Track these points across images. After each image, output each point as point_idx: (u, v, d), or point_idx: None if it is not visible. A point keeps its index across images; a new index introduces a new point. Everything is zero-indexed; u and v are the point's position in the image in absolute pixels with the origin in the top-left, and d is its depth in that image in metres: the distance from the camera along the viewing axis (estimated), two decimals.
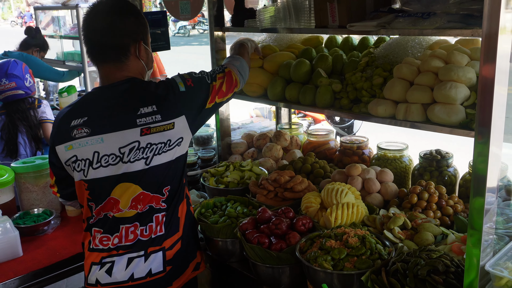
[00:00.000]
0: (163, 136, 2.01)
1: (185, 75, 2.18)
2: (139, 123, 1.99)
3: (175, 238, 2.11)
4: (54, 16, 6.46)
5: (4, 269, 2.53)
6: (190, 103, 2.10)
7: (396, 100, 2.33)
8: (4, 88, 3.73)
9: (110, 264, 2.05)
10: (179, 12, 2.99)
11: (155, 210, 2.06)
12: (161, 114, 2.01)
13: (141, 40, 2.10)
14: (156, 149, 2.00)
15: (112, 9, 2.06)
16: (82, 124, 2.02)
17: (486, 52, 1.49)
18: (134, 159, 1.99)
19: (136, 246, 2.05)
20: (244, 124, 4.10)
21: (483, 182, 1.57)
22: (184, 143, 2.09)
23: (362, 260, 1.87)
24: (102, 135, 2.00)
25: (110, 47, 2.04)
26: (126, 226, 2.06)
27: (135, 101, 2.03)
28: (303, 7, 2.60)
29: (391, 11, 2.33)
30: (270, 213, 2.29)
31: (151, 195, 2.04)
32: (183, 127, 2.05)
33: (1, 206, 2.90)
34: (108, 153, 2.00)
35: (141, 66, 2.14)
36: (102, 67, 2.09)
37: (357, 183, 2.60)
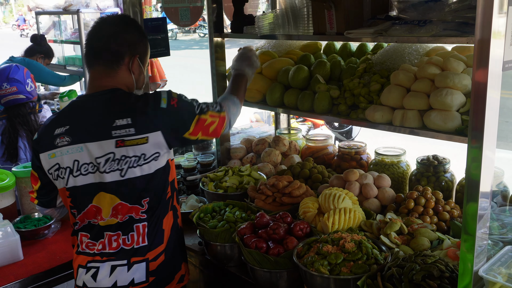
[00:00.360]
0: (137, 150, 2.00)
1: (173, 94, 2.11)
2: (114, 135, 2.00)
3: (159, 250, 2.11)
4: (55, 21, 6.50)
5: (5, 272, 2.55)
6: (168, 122, 2.03)
7: (393, 106, 2.36)
8: (5, 93, 3.76)
9: (95, 269, 2.10)
10: (179, 18, 3.02)
11: (136, 220, 2.07)
12: (135, 128, 2.00)
13: (137, 55, 2.13)
14: (130, 162, 2.01)
15: (120, 21, 2.15)
16: (65, 132, 2.06)
17: (479, 57, 1.51)
18: (109, 169, 2.02)
19: (119, 254, 2.08)
20: (244, 129, 4.13)
21: (477, 188, 1.58)
22: (162, 157, 2.07)
23: (359, 265, 1.89)
24: (82, 144, 2.03)
25: (106, 50, 2.08)
26: (110, 234, 2.09)
27: (113, 112, 2.03)
28: (301, 14, 2.63)
29: (388, 19, 2.36)
30: (268, 218, 2.31)
31: (129, 205, 2.06)
32: (159, 143, 2.02)
33: (2, 210, 2.92)
34: (88, 162, 2.03)
35: (130, 81, 2.15)
36: (93, 70, 2.11)
37: (354, 188, 2.62)
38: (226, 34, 3.16)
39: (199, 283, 2.65)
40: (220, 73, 3.27)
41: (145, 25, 2.78)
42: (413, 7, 2.27)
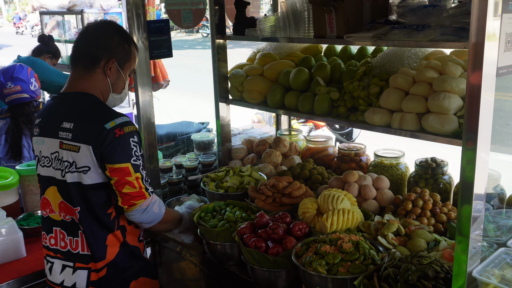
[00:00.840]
0: (70, 156, 2.09)
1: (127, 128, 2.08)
2: (59, 135, 2.12)
3: (100, 264, 2.19)
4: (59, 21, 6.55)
5: (8, 269, 2.59)
6: (100, 143, 2.04)
7: (391, 109, 2.39)
8: (10, 92, 3.80)
9: (51, 264, 2.26)
10: (181, 20, 3.06)
11: (78, 226, 2.17)
12: (72, 134, 2.08)
13: (114, 59, 2.18)
14: (66, 166, 2.11)
15: (102, 26, 2.24)
16: (37, 124, 2.25)
17: (473, 60, 1.53)
18: (56, 167, 2.15)
19: (67, 255, 2.21)
20: (245, 129, 4.16)
21: (471, 190, 1.59)
22: (91, 175, 2.08)
23: (356, 265, 1.93)
24: (43, 138, 2.19)
25: (84, 53, 2.19)
26: (59, 229, 2.21)
27: (66, 113, 2.14)
28: (302, 17, 2.66)
29: (387, 23, 2.39)
30: (267, 218, 2.34)
31: (70, 207, 2.16)
32: (88, 157, 2.05)
33: (6, 207, 2.97)
34: (45, 155, 2.20)
35: (105, 84, 2.20)
36: (73, 70, 2.23)
37: (353, 190, 2.66)
38: (228, 36, 3.20)
39: (199, 282, 2.69)
40: (222, 75, 3.31)
41: (148, 27, 2.81)
42: (412, 12, 2.30)
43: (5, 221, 2.73)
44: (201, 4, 3.17)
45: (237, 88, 3.19)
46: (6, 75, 3.82)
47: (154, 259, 2.98)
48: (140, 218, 2.18)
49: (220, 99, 3.32)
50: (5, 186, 3.02)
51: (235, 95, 3.24)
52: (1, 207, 2.93)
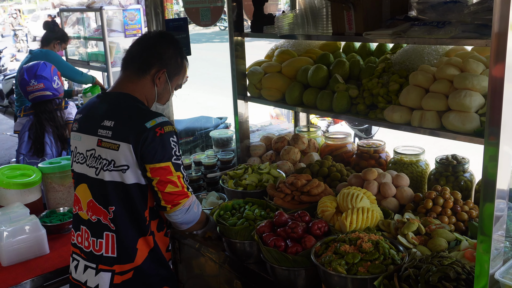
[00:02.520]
0: (109, 154, 2.08)
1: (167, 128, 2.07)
2: (98, 133, 2.12)
3: (127, 267, 2.16)
4: (78, 18, 6.61)
5: (32, 265, 2.64)
6: (141, 143, 2.03)
7: (411, 107, 2.37)
8: (33, 89, 3.87)
9: (77, 262, 2.26)
10: (199, 18, 3.07)
11: (104, 227, 2.15)
12: (112, 132, 2.07)
13: (165, 69, 2.19)
14: (103, 164, 2.09)
15: (160, 35, 2.26)
16: (77, 119, 2.26)
17: (496, 51, 1.48)
18: (91, 165, 2.15)
19: (90, 256, 2.20)
20: (263, 126, 4.16)
21: (493, 187, 1.56)
22: (130, 174, 2.06)
23: (376, 265, 1.92)
24: (81, 134, 2.21)
25: (136, 58, 2.20)
26: (84, 228, 2.21)
27: (108, 112, 2.14)
28: (320, 15, 2.65)
29: (407, 19, 2.36)
30: (286, 216, 2.35)
31: (99, 206, 2.15)
32: (128, 155, 2.04)
33: (29, 205, 3.02)
34: (80, 152, 2.20)
35: (151, 92, 2.21)
36: (122, 73, 2.24)
37: (373, 187, 2.64)
38: (246, 33, 3.20)
39: (218, 278, 2.71)
40: (240, 72, 3.31)
41: (166, 26, 2.83)
42: (432, 8, 2.26)
43: (28, 218, 2.78)
44: (219, 1, 3.17)
45: (255, 86, 3.19)
46: (30, 73, 3.88)
47: (174, 255, 3.01)
48: (183, 218, 2.16)
49: (238, 97, 3.33)
50: (28, 183, 3.08)
51: (254, 92, 3.24)
52: (25, 204, 2.98)
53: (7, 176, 3.05)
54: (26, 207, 2.92)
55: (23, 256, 2.68)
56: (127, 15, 6.15)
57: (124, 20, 6.22)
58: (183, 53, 2.30)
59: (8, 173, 3.10)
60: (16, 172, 3.15)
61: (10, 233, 2.64)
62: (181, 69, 2.28)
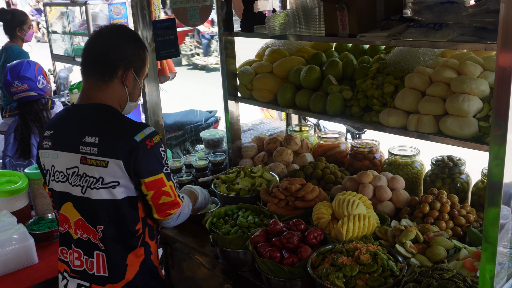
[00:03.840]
0: (96, 172, 1.98)
1: (155, 138, 2.02)
2: (81, 150, 2.01)
3: (119, 285, 2.10)
4: (63, 12, 6.45)
5: (21, 277, 2.58)
6: (132, 157, 1.96)
7: (407, 110, 2.32)
8: (17, 90, 3.76)
9: (66, 281, 2.17)
10: (187, 18, 2.97)
11: (94, 246, 2.08)
12: (98, 148, 1.98)
13: (132, 68, 2.08)
14: (89, 182, 2.00)
15: (116, 32, 2.09)
16: (49, 136, 2.12)
17: (503, 38, 1.42)
18: (74, 183, 2.04)
19: (83, 275, 2.12)
20: (254, 125, 4.09)
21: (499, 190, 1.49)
22: (120, 189, 2.00)
23: (374, 278, 1.87)
24: (58, 152, 2.08)
25: (100, 62, 2.04)
26: (74, 247, 2.13)
27: (87, 127, 2.03)
28: (313, 15, 2.57)
29: (402, 20, 2.29)
30: (281, 225, 2.29)
31: (88, 225, 2.07)
32: (119, 172, 1.97)
33: (16, 212, 2.94)
34: (59, 170, 2.08)
35: (123, 94, 2.10)
36: (86, 81, 2.10)
37: (368, 191, 2.59)
38: (236, 33, 3.11)
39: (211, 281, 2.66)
40: (231, 72, 3.23)
41: (154, 27, 2.73)
42: (428, 9, 2.20)
43: (16, 227, 2.70)
44: (208, 0, 3.08)
45: (246, 86, 3.12)
46: (13, 74, 3.76)
47: (166, 261, 2.96)
48: (175, 223, 2.19)
49: (229, 97, 3.25)
50: (15, 191, 2.99)
51: (244, 93, 3.17)
52: (12, 212, 2.90)
53: None
54: (13, 215, 2.84)
55: (10, 267, 2.61)
56: (113, 9, 6.01)
57: (110, 15, 6.08)
58: (143, 44, 2.16)
59: None
60: (2, 179, 3.06)
61: None
62: (145, 61, 2.16)
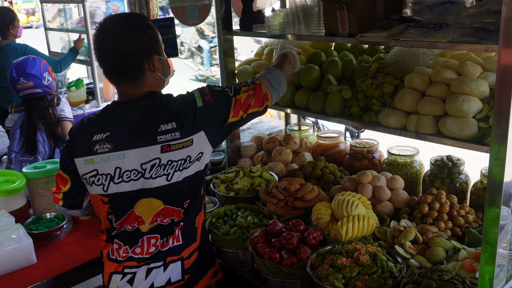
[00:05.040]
0: (183, 153, 2.02)
1: (205, 89, 2.14)
2: (160, 140, 2.00)
3: (192, 248, 2.15)
4: (60, 9, 6.42)
5: (19, 277, 2.56)
6: (209, 118, 2.06)
7: (407, 110, 2.31)
8: (23, 87, 3.75)
9: (132, 275, 2.11)
10: (186, 17, 2.96)
11: (176, 223, 2.10)
12: (180, 132, 2.01)
13: (153, 54, 2.05)
14: (176, 166, 2.02)
15: (120, 29, 2.02)
16: (105, 139, 2.03)
17: (505, 35, 1.41)
18: (155, 175, 2.02)
19: (156, 257, 2.10)
20: (253, 124, 4.08)
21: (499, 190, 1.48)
22: (204, 158, 2.08)
23: (374, 279, 1.87)
24: (124, 151, 2.02)
25: (124, 67, 2.02)
26: (148, 237, 2.10)
27: (155, 117, 2.03)
28: (312, 14, 2.56)
29: (402, 20, 2.29)
30: (280, 226, 2.29)
31: (172, 208, 2.08)
32: (202, 143, 2.04)
33: (14, 212, 2.92)
34: (130, 169, 2.02)
35: (157, 78, 2.12)
36: (120, 86, 2.09)
37: (367, 191, 2.59)
38: (235, 32, 3.10)
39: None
40: (229, 71, 3.22)
41: None
42: (428, 9, 2.19)
43: (14, 227, 2.69)
44: None
45: None
46: (19, 70, 3.75)
47: None
48: (278, 89, 2.31)
49: None
50: (13, 190, 2.97)
51: None
52: (10, 211, 2.89)
53: None
54: (11, 214, 2.83)
55: (9, 267, 2.59)
56: (111, 7, 5.98)
57: (108, 12, 6.05)
58: (144, 22, 2.10)
59: None
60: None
61: None
62: (157, 36, 2.12)
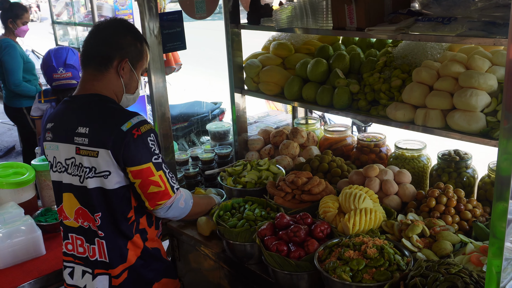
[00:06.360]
0: (89, 162, 2.04)
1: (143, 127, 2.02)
2: (75, 140, 2.06)
3: (120, 268, 2.15)
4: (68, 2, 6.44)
5: (29, 267, 2.60)
6: (119, 147, 1.98)
7: (415, 104, 2.31)
8: (60, 77, 3.77)
9: (71, 269, 2.23)
10: (194, 10, 2.96)
11: (95, 233, 2.13)
12: (89, 139, 2.02)
13: (127, 58, 2.11)
14: (85, 172, 2.06)
15: (112, 25, 2.15)
16: (50, 129, 2.18)
17: None
18: (73, 173, 2.10)
19: (86, 261, 2.19)
20: (260, 117, 4.09)
21: (507, 184, 1.47)
22: (112, 179, 2.03)
23: (381, 272, 1.88)
24: (57, 143, 2.14)
25: (96, 52, 2.10)
26: (75, 236, 2.18)
27: (80, 118, 2.07)
28: (320, 7, 2.56)
29: (410, 13, 2.28)
30: (288, 219, 2.30)
31: (88, 213, 2.12)
32: (108, 161, 2.01)
33: (23, 204, 2.96)
34: (60, 161, 2.14)
35: (118, 84, 2.14)
36: (84, 72, 2.15)
37: (374, 185, 2.60)
38: (242, 25, 3.11)
39: (222, 280, 2.68)
40: (237, 64, 3.23)
41: (160, 19, 2.72)
42: (437, 3, 2.19)
43: (23, 219, 2.72)
44: None
45: (253, 79, 3.12)
46: (59, 60, 3.76)
47: (172, 253, 2.98)
48: (165, 215, 2.18)
49: (236, 90, 3.25)
50: (22, 182, 3.01)
51: (251, 86, 3.17)
52: (19, 203, 2.92)
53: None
54: (21, 206, 2.86)
55: (18, 258, 2.63)
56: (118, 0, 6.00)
57: (115, 5, 6.07)
58: (141, 36, 2.21)
59: (0, 172, 3.02)
60: (9, 170, 3.08)
61: (5, 235, 2.59)
62: (143, 54, 2.20)
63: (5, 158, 7.73)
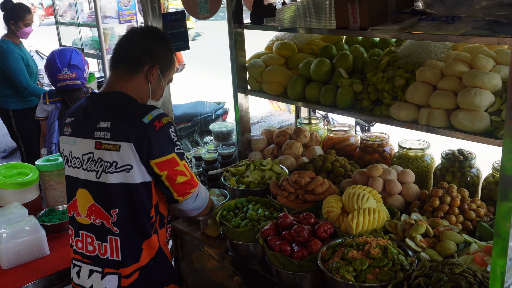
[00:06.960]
0: (111, 156, 2.03)
1: (164, 119, 2.04)
2: (95, 135, 2.06)
3: (132, 268, 2.13)
4: (71, 3, 6.45)
5: (33, 268, 2.61)
6: (142, 139, 1.99)
7: (418, 104, 2.31)
8: (65, 78, 3.78)
9: (79, 268, 2.21)
10: (197, 11, 2.97)
11: (108, 231, 2.11)
12: (110, 133, 2.02)
13: (158, 65, 2.14)
14: (104, 166, 2.04)
15: (148, 32, 2.21)
16: (69, 123, 2.18)
17: None
18: (89, 169, 2.09)
19: (95, 260, 2.15)
20: (264, 117, 4.08)
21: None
22: (135, 173, 2.02)
23: (384, 272, 1.88)
24: (75, 138, 2.14)
25: (128, 55, 2.13)
26: (86, 233, 2.16)
27: (102, 113, 2.08)
28: (323, 7, 2.55)
29: (413, 13, 2.28)
30: (291, 218, 2.30)
31: (102, 210, 2.10)
32: (131, 155, 2.00)
33: (27, 204, 2.97)
34: (76, 156, 2.13)
35: (145, 89, 2.16)
36: (112, 73, 2.17)
37: (378, 185, 2.59)
38: (245, 25, 3.11)
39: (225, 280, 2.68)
40: (240, 64, 3.22)
41: (163, 19, 2.73)
42: (441, 2, 2.18)
43: (27, 219, 2.73)
44: None
45: (256, 79, 3.11)
46: (63, 61, 3.77)
47: (176, 253, 2.98)
48: (193, 205, 2.19)
49: (239, 90, 3.25)
50: (26, 183, 3.02)
51: (254, 86, 3.17)
52: (23, 204, 2.93)
53: (3, 176, 2.98)
54: (25, 207, 2.87)
55: (22, 258, 2.64)
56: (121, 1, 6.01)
57: (118, 6, 6.08)
58: (172, 47, 2.25)
59: (4, 173, 3.03)
60: (13, 171, 3.09)
61: (9, 235, 2.60)
62: (172, 64, 2.24)
63: (9, 158, 7.75)
